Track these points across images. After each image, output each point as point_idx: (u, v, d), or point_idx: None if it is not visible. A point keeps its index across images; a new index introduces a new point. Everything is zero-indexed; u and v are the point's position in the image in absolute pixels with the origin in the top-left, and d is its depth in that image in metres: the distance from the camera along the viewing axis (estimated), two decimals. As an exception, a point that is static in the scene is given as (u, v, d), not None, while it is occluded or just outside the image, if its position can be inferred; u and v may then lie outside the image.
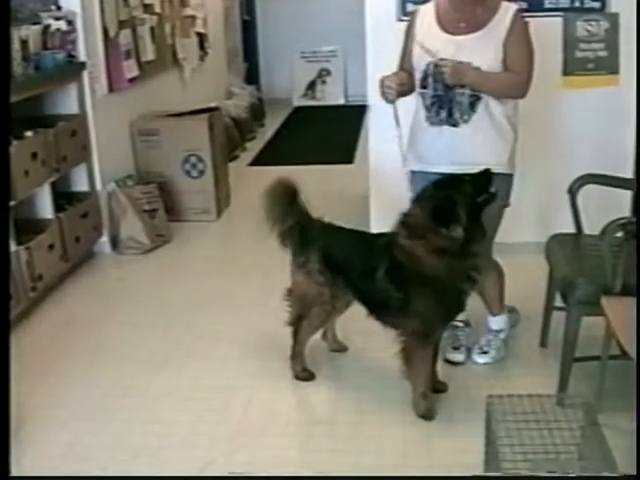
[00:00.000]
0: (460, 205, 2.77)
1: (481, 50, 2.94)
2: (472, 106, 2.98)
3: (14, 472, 2.39)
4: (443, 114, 3.02)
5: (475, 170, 2.97)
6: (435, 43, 2.97)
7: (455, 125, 3.01)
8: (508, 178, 3.12)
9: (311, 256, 3.08)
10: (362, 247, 3.05)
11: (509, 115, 3.05)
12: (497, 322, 3.38)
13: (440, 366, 3.21)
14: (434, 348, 3.03)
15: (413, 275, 2.84)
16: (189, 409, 3.11)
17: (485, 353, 3.33)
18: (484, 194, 2.85)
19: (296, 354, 3.25)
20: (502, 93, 3.00)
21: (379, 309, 3.03)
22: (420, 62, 3.03)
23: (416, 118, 3.13)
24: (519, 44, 2.95)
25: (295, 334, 3.22)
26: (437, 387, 3.10)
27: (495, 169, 3.02)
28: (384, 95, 3.02)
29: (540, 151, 4.16)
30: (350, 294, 3.10)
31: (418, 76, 3.06)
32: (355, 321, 3.33)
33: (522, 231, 4.25)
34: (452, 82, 2.92)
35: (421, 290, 2.84)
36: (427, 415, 2.96)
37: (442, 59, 2.90)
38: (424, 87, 3.04)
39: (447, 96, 2.99)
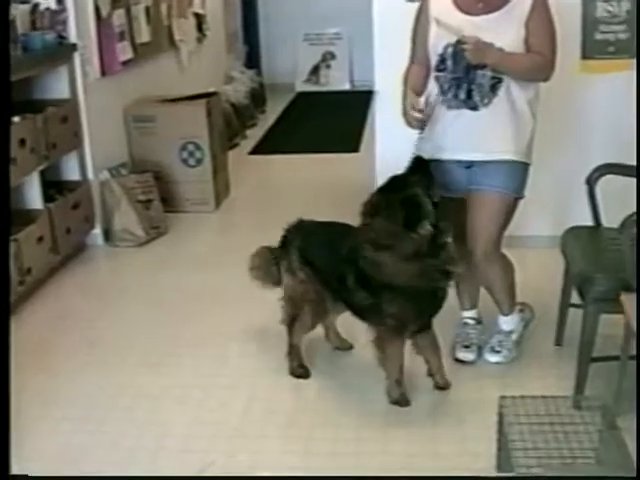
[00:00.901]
0: (423, 200, 2.83)
1: (502, 31, 2.92)
2: (493, 89, 2.96)
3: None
4: (462, 95, 2.99)
5: (494, 158, 2.97)
6: (452, 24, 2.94)
7: (475, 108, 2.99)
8: (524, 168, 3.10)
9: (291, 256, 3.21)
10: (335, 246, 3.11)
11: (530, 101, 3.04)
12: (508, 322, 3.36)
13: (449, 364, 3.23)
14: (430, 339, 3.11)
15: (383, 284, 2.90)
16: (187, 409, 3.11)
17: (497, 352, 3.32)
18: (431, 182, 2.91)
19: (292, 351, 3.31)
20: (526, 75, 2.99)
21: (356, 309, 3.12)
22: (438, 44, 3.00)
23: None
24: (542, 24, 2.94)
25: (290, 333, 3.29)
26: (439, 384, 3.16)
27: (513, 157, 3.02)
28: (409, 124, 3.05)
29: (556, 139, 4.15)
30: (330, 293, 3.16)
31: (435, 59, 3.03)
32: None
33: (537, 223, 4.24)
34: (474, 61, 2.89)
35: (394, 296, 2.91)
36: (400, 401, 3.05)
37: (464, 36, 2.87)
38: (441, 70, 3.02)
39: (467, 78, 2.96)
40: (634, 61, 4.06)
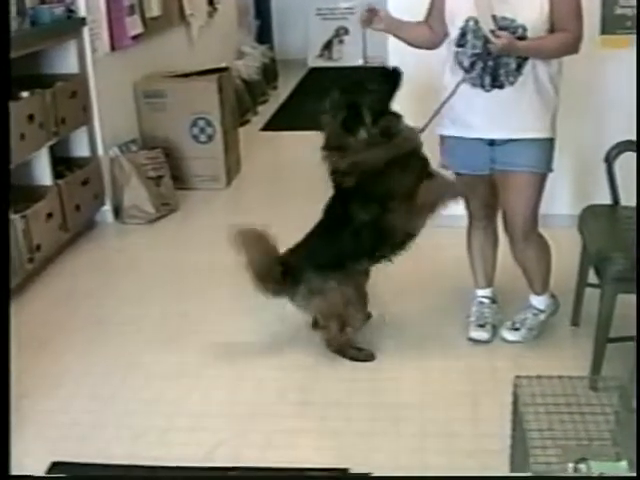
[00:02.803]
0: (364, 111, 2.99)
1: (523, 5, 2.85)
2: (519, 67, 2.92)
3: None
4: (488, 73, 2.95)
5: (520, 136, 2.97)
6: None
7: (501, 87, 2.95)
8: (551, 142, 3.08)
9: (309, 279, 3.14)
10: (332, 226, 3.17)
11: (553, 76, 2.99)
12: (540, 301, 3.34)
13: (463, 343, 3.25)
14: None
15: (377, 179, 3.02)
16: (196, 388, 3.11)
17: (516, 330, 3.30)
18: (390, 87, 3.06)
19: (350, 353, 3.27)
20: (554, 56, 2.96)
21: (382, 236, 3.10)
22: (456, 17, 2.95)
23: (452, 80, 3.05)
24: None
25: (342, 344, 3.24)
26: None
27: (539, 135, 3.01)
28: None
29: (575, 116, 4.09)
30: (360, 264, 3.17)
31: (455, 33, 2.97)
32: (373, 296, 3.32)
33: (554, 202, 4.18)
34: (499, 53, 2.86)
35: (388, 181, 3.01)
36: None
37: (493, 30, 2.79)
38: (462, 45, 2.97)
39: (492, 56, 2.90)
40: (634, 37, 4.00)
